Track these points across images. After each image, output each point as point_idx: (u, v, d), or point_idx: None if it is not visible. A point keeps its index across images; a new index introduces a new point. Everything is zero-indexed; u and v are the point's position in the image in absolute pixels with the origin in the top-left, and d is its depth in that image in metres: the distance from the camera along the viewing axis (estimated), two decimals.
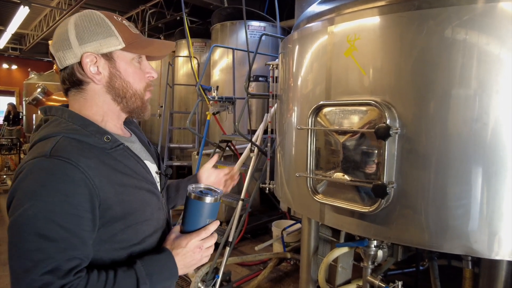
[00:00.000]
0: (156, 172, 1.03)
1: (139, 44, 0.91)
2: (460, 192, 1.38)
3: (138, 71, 0.93)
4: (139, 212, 0.88)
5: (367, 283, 1.94)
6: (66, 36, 0.85)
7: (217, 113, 4.02)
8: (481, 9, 1.34)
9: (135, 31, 0.93)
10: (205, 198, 0.92)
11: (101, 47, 0.86)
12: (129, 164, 0.89)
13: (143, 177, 0.91)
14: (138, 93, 0.93)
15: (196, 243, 0.91)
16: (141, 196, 0.89)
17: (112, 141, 0.86)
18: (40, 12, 9.38)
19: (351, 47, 1.60)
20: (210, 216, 0.94)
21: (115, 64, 0.89)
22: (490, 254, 1.38)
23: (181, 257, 0.89)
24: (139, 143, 1.06)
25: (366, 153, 1.55)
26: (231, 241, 3.07)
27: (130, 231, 0.86)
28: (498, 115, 1.33)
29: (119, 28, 0.88)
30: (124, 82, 0.90)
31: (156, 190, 0.96)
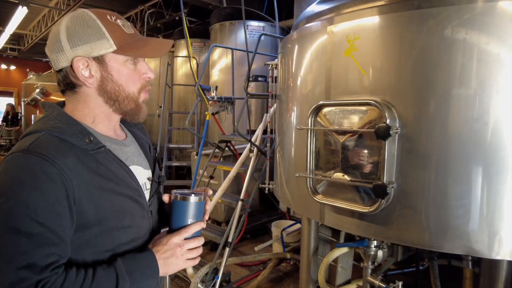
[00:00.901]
0: (148, 179, 1.00)
1: (132, 46, 0.87)
2: (461, 192, 1.38)
3: (132, 73, 0.90)
4: (116, 218, 0.85)
5: (367, 283, 1.94)
6: (58, 38, 0.84)
7: (216, 113, 4.01)
8: (481, 9, 1.34)
9: (130, 30, 0.90)
10: (189, 198, 0.92)
11: (92, 51, 0.84)
12: (112, 168, 0.86)
13: (125, 182, 0.88)
14: (131, 95, 0.90)
15: (176, 241, 0.88)
16: (120, 202, 0.86)
17: (94, 142, 0.84)
18: (38, 12, 9.37)
19: (351, 47, 1.59)
20: (194, 217, 0.94)
21: (107, 67, 0.86)
22: (490, 254, 1.37)
23: (161, 255, 0.87)
24: (135, 146, 1.02)
25: (366, 153, 1.55)
26: (231, 242, 3.07)
27: (104, 237, 0.84)
28: (499, 115, 1.33)
29: (111, 29, 0.85)
30: (116, 85, 0.88)
31: (140, 197, 0.92)
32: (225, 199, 3.49)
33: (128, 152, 0.96)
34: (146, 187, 0.98)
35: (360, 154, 1.57)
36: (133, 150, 0.99)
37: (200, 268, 2.95)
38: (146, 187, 0.98)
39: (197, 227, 0.92)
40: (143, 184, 0.97)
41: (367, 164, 1.54)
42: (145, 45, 0.90)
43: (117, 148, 0.92)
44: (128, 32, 0.89)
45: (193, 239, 0.92)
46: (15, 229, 0.72)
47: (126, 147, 0.96)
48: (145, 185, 0.98)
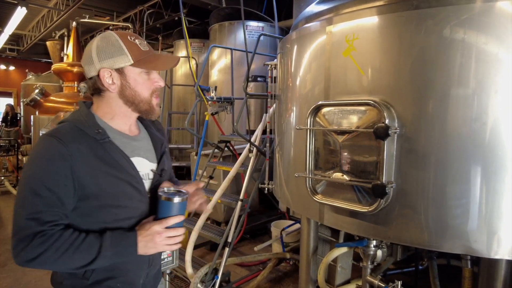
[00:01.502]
0: (152, 170, 1.18)
1: (146, 60, 1.10)
2: (460, 192, 1.39)
3: (146, 82, 1.12)
4: (113, 197, 1.05)
5: (367, 283, 1.94)
6: (90, 54, 1.08)
7: (216, 113, 4.01)
8: (479, 9, 1.35)
9: (145, 48, 1.12)
10: (172, 199, 1.08)
11: (115, 64, 1.07)
12: (115, 156, 1.07)
13: (125, 170, 1.08)
14: (146, 99, 1.13)
15: (156, 229, 1.05)
16: (119, 185, 1.06)
17: (101, 134, 1.06)
18: (37, 13, 9.36)
19: (349, 47, 1.60)
20: (177, 213, 1.09)
21: (126, 77, 1.09)
22: (489, 254, 1.38)
23: (142, 238, 1.04)
24: (147, 142, 1.22)
25: (365, 153, 1.55)
26: (230, 242, 3.07)
27: (103, 211, 1.05)
28: (497, 115, 1.33)
29: (130, 47, 1.08)
30: (133, 91, 1.10)
31: (137, 184, 1.11)
32: (224, 199, 3.49)
33: (136, 145, 1.16)
34: (149, 176, 1.17)
35: (359, 154, 1.58)
36: (142, 145, 1.20)
37: (200, 268, 2.95)
38: (149, 177, 1.17)
39: (176, 220, 1.08)
40: (146, 174, 1.16)
41: (366, 164, 1.55)
42: (156, 60, 1.12)
43: (126, 141, 1.13)
44: (143, 50, 1.11)
45: (173, 229, 1.07)
46: (32, 189, 0.97)
47: (135, 141, 1.17)
48: (148, 175, 1.17)
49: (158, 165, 1.21)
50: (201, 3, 6.23)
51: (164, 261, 1.62)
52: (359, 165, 1.57)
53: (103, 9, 8.58)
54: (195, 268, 3.04)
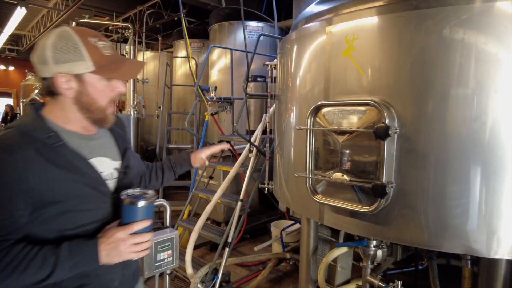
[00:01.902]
0: (115, 169, 1.13)
1: (108, 68, 1.02)
2: (459, 191, 1.39)
3: (105, 89, 1.04)
4: (72, 202, 0.99)
5: (367, 283, 1.94)
6: (44, 52, 0.97)
7: (216, 113, 4.01)
8: (479, 9, 1.35)
9: (108, 52, 1.03)
10: (137, 203, 1.00)
11: (72, 69, 0.98)
12: (72, 160, 1.00)
13: (83, 172, 1.02)
14: (102, 108, 1.05)
15: (120, 236, 0.98)
16: (78, 189, 1.00)
17: (53, 137, 0.98)
18: (37, 13, 9.35)
19: (349, 47, 1.60)
20: (142, 218, 1.02)
21: (84, 84, 1.01)
22: (489, 253, 1.38)
23: (105, 246, 0.97)
24: (106, 140, 1.16)
25: (365, 153, 1.55)
26: (230, 242, 3.07)
27: (63, 217, 0.98)
28: (497, 115, 1.34)
29: (91, 52, 0.99)
30: (90, 99, 1.03)
31: (100, 186, 1.05)
32: (224, 199, 3.49)
33: (94, 145, 1.10)
34: (113, 176, 1.12)
35: (359, 154, 1.58)
36: (101, 143, 1.13)
37: (200, 269, 2.95)
38: (113, 176, 1.12)
39: (142, 225, 1.01)
40: (110, 173, 1.11)
41: (366, 164, 1.55)
42: (120, 67, 1.05)
43: (82, 142, 1.06)
44: (106, 54, 1.03)
45: (138, 235, 1.00)
46: None
47: (93, 140, 1.10)
48: (112, 175, 1.12)
49: (122, 162, 1.15)
50: (201, 3, 6.22)
51: (164, 261, 1.60)
52: (359, 165, 1.57)
53: (102, 9, 8.57)
54: (195, 268, 3.04)
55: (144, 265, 1.56)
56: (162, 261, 1.66)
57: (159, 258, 1.61)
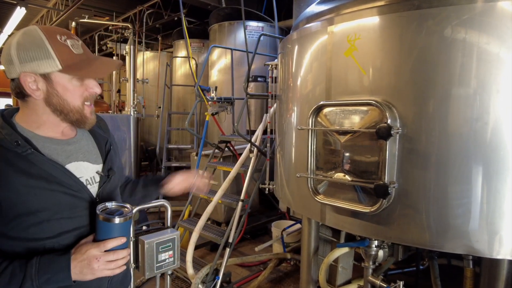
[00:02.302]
0: (97, 173, 1.07)
1: (77, 66, 0.95)
2: (461, 191, 1.39)
3: (77, 89, 0.98)
4: (50, 211, 0.94)
5: (368, 283, 1.94)
6: (9, 51, 0.93)
7: (216, 113, 4.01)
8: (480, 9, 1.35)
9: (79, 50, 0.97)
10: (113, 219, 0.95)
11: (39, 68, 0.92)
12: (44, 167, 0.94)
13: (59, 179, 0.96)
14: (76, 108, 0.99)
15: (93, 253, 0.93)
16: (53, 197, 0.95)
17: (22, 145, 0.92)
18: (37, 13, 9.34)
19: (351, 47, 1.60)
20: (118, 234, 0.97)
21: (52, 84, 0.95)
22: (491, 253, 1.38)
23: (77, 263, 0.92)
24: (86, 143, 1.10)
25: (367, 153, 1.55)
26: (231, 242, 3.07)
27: (41, 226, 0.94)
28: (499, 114, 1.33)
29: (59, 50, 0.93)
30: (61, 100, 0.96)
31: (78, 192, 1.00)
32: (225, 200, 3.48)
33: (71, 149, 1.04)
34: (95, 180, 1.07)
35: (361, 154, 1.57)
36: (80, 147, 1.07)
37: (201, 269, 2.95)
38: (95, 181, 1.06)
39: (117, 242, 0.96)
40: (91, 177, 1.06)
41: (368, 164, 1.55)
42: (90, 65, 0.99)
43: (57, 147, 1.00)
44: (76, 53, 0.97)
45: (113, 252, 0.95)
46: None
47: (70, 145, 1.04)
48: (94, 179, 1.06)
49: (104, 166, 1.09)
50: (201, 3, 6.22)
51: (165, 261, 1.59)
52: (361, 165, 1.57)
53: (102, 9, 8.56)
54: (196, 268, 3.04)
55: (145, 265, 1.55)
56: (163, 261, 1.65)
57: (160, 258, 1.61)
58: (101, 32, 9.48)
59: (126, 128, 5.33)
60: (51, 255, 0.93)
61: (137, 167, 5.71)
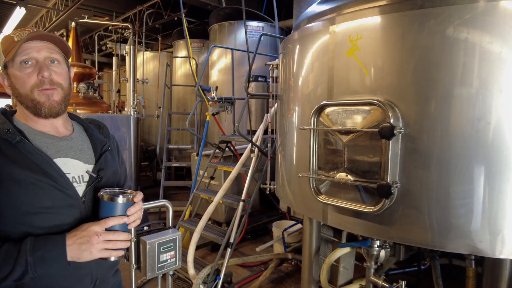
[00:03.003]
0: (87, 172, 1.07)
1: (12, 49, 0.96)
2: (464, 191, 1.38)
3: (24, 76, 0.99)
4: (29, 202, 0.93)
5: (370, 283, 1.94)
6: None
7: (217, 113, 4.01)
8: (483, 8, 1.34)
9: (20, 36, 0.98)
10: (116, 199, 0.97)
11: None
12: (33, 157, 0.95)
13: (45, 171, 0.96)
14: (25, 95, 1.00)
15: (95, 229, 0.93)
16: (36, 188, 0.94)
17: (12, 133, 0.95)
18: (36, 13, 9.33)
19: (353, 47, 1.59)
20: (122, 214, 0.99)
21: (10, 76, 1.00)
22: (494, 253, 1.38)
23: (77, 239, 0.92)
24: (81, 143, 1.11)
25: (370, 152, 1.55)
26: (232, 242, 3.06)
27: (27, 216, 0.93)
28: (502, 114, 1.33)
29: (3, 42, 0.98)
30: (15, 90, 1.00)
31: (63, 187, 0.98)
32: (226, 200, 3.48)
33: (63, 146, 1.05)
34: (83, 179, 1.05)
35: (363, 154, 1.57)
36: (72, 145, 1.08)
37: (202, 269, 2.95)
38: (83, 180, 1.05)
39: (118, 221, 0.96)
40: (79, 176, 1.05)
41: (370, 164, 1.54)
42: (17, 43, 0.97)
43: (48, 141, 1.02)
44: (16, 39, 0.97)
45: (113, 231, 0.96)
46: None
47: (62, 141, 1.06)
48: (82, 178, 1.05)
49: (95, 166, 1.08)
50: (201, 3, 6.21)
51: (167, 262, 1.58)
52: (363, 165, 1.57)
53: (102, 9, 8.55)
54: (197, 269, 3.03)
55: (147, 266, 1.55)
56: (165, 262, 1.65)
57: (161, 259, 1.60)
58: (101, 32, 9.47)
59: (126, 128, 5.33)
60: (45, 236, 0.92)
61: (137, 167, 5.70)
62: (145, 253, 1.52)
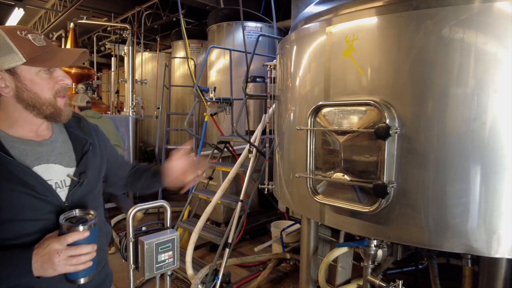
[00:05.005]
0: (68, 176, 1.05)
1: (42, 58, 0.96)
2: (459, 191, 1.39)
3: (46, 82, 0.98)
4: (9, 212, 0.93)
5: (368, 283, 1.95)
6: None
7: (215, 114, 4.01)
8: (478, 9, 1.35)
9: (42, 43, 0.98)
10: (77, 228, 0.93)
11: (3, 65, 0.92)
12: (10, 167, 0.93)
13: (24, 181, 0.94)
14: (48, 101, 0.99)
15: (54, 247, 0.90)
16: (15, 198, 0.93)
17: None
18: (35, 14, 9.32)
19: (349, 47, 1.60)
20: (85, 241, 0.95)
21: (20, 78, 0.95)
22: (489, 252, 1.39)
23: (39, 258, 0.90)
24: (60, 144, 1.08)
25: (366, 153, 1.56)
26: (231, 242, 3.07)
27: (5, 227, 0.93)
28: (497, 114, 1.34)
29: (21, 44, 0.93)
30: (32, 93, 0.97)
31: (44, 195, 0.97)
32: (224, 200, 3.48)
33: (42, 151, 1.02)
34: (65, 184, 1.04)
35: (359, 154, 1.58)
36: (52, 149, 1.05)
37: (200, 270, 2.95)
38: (65, 184, 1.04)
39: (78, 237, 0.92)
40: (61, 181, 1.03)
41: (366, 164, 1.55)
42: (55, 56, 0.98)
43: (27, 148, 0.99)
44: (39, 45, 0.97)
45: (75, 246, 0.92)
46: None
47: (42, 146, 1.03)
48: (64, 182, 1.04)
49: (76, 169, 1.06)
50: (199, 4, 6.22)
51: (165, 262, 1.59)
52: (359, 165, 1.58)
53: (100, 10, 8.55)
54: (196, 269, 3.04)
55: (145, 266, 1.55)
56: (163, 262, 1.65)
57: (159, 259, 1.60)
58: (99, 33, 9.47)
59: (125, 129, 5.33)
60: (13, 250, 0.91)
61: None
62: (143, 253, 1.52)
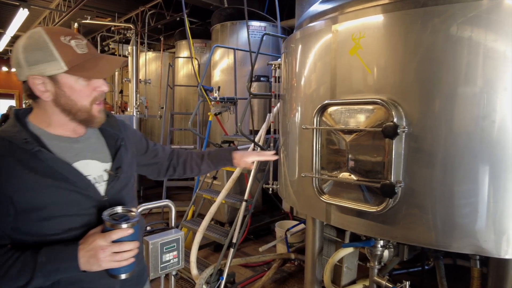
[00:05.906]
0: (105, 171, 1.09)
1: (82, 66, 0.98)
2: (468, 191, 1.37)
3: (84, 89, 1.01)
4: (55, 207, 0.96)
5: (374, 283, 1.93)
6: (17, 55, 0.96)
7: (219, 113, 4.00)
8: (487, 6, 1.33)
9: (83, 50, 1.00)
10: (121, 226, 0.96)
11: (45, 71, 0.95)
12: (52, 164, 0.97)
13: (66, 177, 0.98)
14: (84, 108, 1.02)
15: (99, 244, 0.94)
16: (59, 194, 0.97)
17: (30, 143, 0.95)
18: (39, 14, 9.37)
19: (356, 45, 1.59)
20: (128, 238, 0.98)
21: (60, 85, 0.97)
22: (499, 253, 1.36)
23: (84, 253, 0.94)
24: (96, 142, 1.12)
25: (373, 152, 1.54)
26: (235, 242, 3.06)
27: (47, 223, 0.96)
28: (506, 112, 1.32)
29: (63, 51, 0.95)
30: (69, 100, 0.99)
31: (85, 190, 1.01)
32: (228, 200, 3.48)
33: (79, 148, 1.06)
34: (103, 179, 1.08)
35: (366, 153, 1.56)
36: (88, 145, 1.09)
37: (205, 270, 2.94)
38: (103, 179, 1.08)
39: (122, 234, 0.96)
40: (99, 176, 1.07)
41: (373, 163, 1.54)
42: (95, 66, 1.00)
43: (66, 145, 1.03)
44: (80, 52, 0.99)
45: (119, 243, 0.95)
46: None
47: (78, 143, 1.07)
48: (102, 177, 1.08)
49: (113, 164, 1.11)
50: (203, 3, 6.21)
51: (170, 262, 1.58)
52: (366, 165, 1.56)
53: (104, 10, 8.57)
54: (200, 269, 3.03)
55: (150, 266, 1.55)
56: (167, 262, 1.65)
57: (164, 259, 1.60)
58: (103, 33, 9.50)
59: None
60: (60, 245, 0.95)
61: None
62: (148, 253, 1.52)
